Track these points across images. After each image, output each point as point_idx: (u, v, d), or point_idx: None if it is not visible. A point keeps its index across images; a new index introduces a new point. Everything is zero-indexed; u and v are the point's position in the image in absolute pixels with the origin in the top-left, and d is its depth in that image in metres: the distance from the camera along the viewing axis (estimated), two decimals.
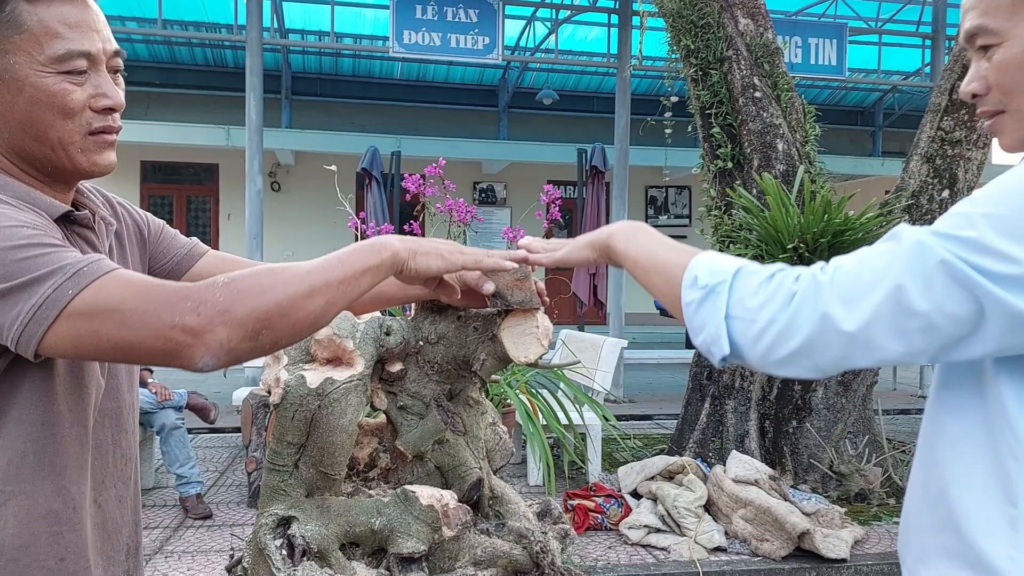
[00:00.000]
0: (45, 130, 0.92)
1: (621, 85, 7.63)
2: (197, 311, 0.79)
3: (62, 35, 0.90)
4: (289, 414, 1.17)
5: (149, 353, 0.81)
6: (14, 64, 0.89)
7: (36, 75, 0.90)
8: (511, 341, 1.21)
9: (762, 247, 4.56)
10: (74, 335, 0.80)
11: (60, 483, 0.95)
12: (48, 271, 0.81)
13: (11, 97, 0.90)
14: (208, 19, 11.23)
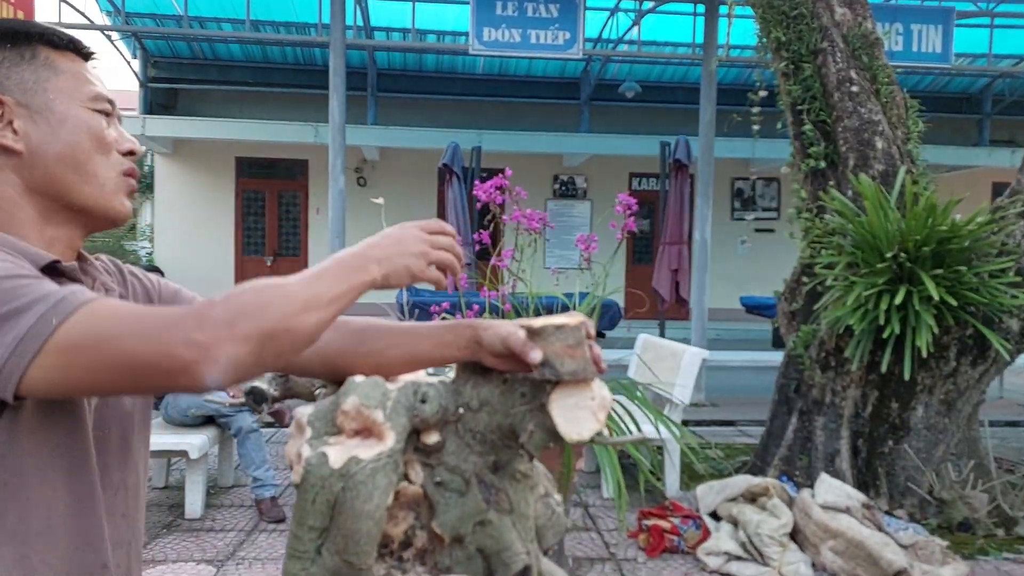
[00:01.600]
0: (84, 162, 0.95)
1: (707, 77, 7.32)
2: (201, 328, 0.76)
3: (90, 80, 0.98)
4: (310, 496, 1.06)
5: (153, 375, 0.77)
6: (54, 100, 0.94)
7: (76, 109, 0.95)
8: (562, 415, 1.08)
9: (857, 254, 4.26)
10: (64, 365, 0.76)
11: (23, 551, 0.87)
12: (28, 301, 0.77)
13: (52, 129, 0.94)
14: (297, 19, 11.43)
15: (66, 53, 0.97)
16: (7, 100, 0.92)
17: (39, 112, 0.93)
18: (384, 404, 1.11)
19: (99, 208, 0.97)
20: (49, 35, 0.96)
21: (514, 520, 1.20)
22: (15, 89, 0.92)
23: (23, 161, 0.93)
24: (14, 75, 0.92)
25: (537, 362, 1.05)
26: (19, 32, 0.94)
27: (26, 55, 0.94)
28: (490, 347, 1.11)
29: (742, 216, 13.47)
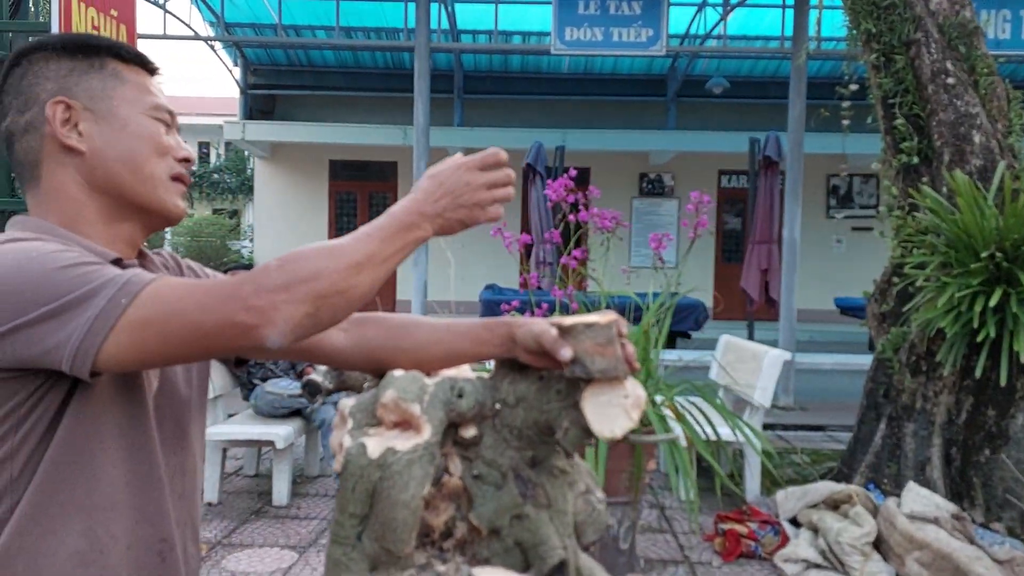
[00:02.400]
0: (142, 163, 1.02)
1: (796, 71, 7.11)
2: (258, 294, 0.82)
3: (151, 91, 1.06)
4: (350, 484, 1.11)
5: (220, 340, 0.84)
6: (118, 107, 1.02)
7: (137, 116, 1.03)
8: (594, 412, 1.09)
9: (950, 254, 4.06)
10: (137, 341, 0.84)
11: (89, 523, 0.95)
12: (99, 284, 0.84)
13: (115, 133, 1.01)
14: (386, 24, 11.70)
15: (133, 66, 1.05)
16: (74, 104, 1.00)
17: (103, 117, 1.01)
18: (421, 398, 1.15)
19: (154, 206, 1.05)
20: (117, 49, 1.04)
21: (551, 515, 1.22)
22: (83, 95, 1.00)
23: (86, 161, 1.00)
24: (83, 82, 1.01)
25: (567, 359, 1.07)
26: (90, 45, 1.03)
27: (95, 65, 1.02)
28: (524, 344, 1.13)
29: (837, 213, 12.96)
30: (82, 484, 0.94)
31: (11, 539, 0.91)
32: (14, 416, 0.90)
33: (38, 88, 1.00)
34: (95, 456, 0.95)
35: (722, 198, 13.65)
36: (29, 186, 1.03)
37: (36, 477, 0.92)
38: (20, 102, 1.01)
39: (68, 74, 1.01)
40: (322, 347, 1.19)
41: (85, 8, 3.65)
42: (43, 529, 0.92)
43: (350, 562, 1.13)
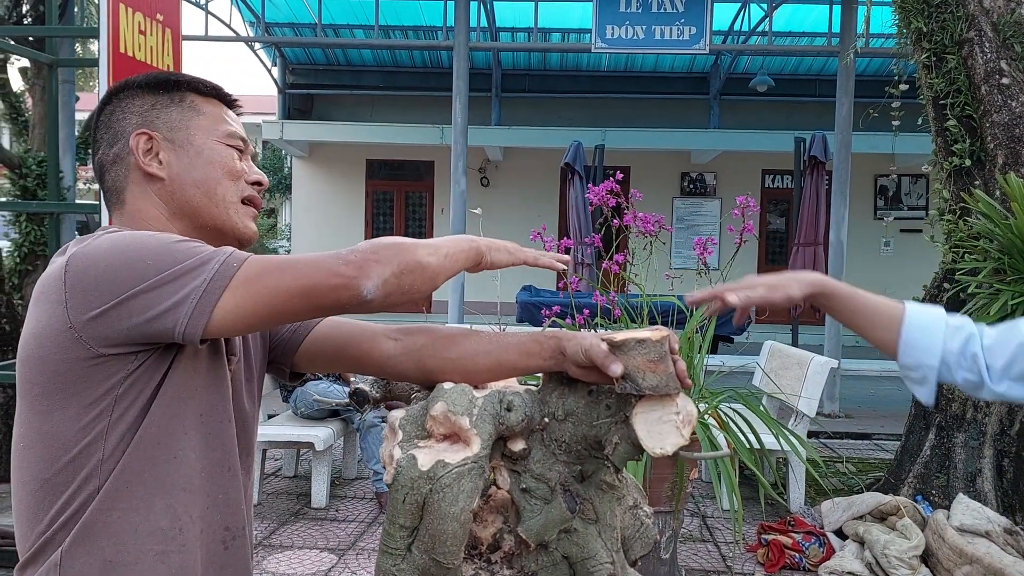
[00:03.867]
0: (215, 187, 1.11)
1: (843, 69, 6.97)
2: (354, 254, 0.95)
3: (226, 121, 1.15)
4: (400, 496, 1.10)
5: (323, 291, 0.94)
6: (194, 136, 1.11)
7: (212, 144, 1.12)
8: (645, 429, 1.07)
9: (1003, 260, 3.94)
10: (252, 295, 0.93)
11: (170, 502, 1.01)
12: (210, 253, 0.94)
13: (191, 160, 1.10)
14: (424, 23, 11.74)
15: (210, 99, 1.14)
16: (155, 135, 1.09)
17: (181, 146, 1.10)
18: (471, 411, 1.14)
19: (226, 228, 1.13)
20: (196, 84, 1.14)
21: (599, 529, 1.21)
22: (163, 127, 1.10)
23: (166, 187, 1.10)
24: (163, 115, 1.10)
25: (618, 375, 1.05)
26: (171, 81, 1.13)
27: (175, 99, 1.12)
28: (573, 358, 1.12)
29: (885, 214, 12.66)
30: (164, 465, 1.00)
31: (97, 515, 0.97)
32: (114, 392, 0.96)
33: (124, 123, 1.10)
34: (178, 440, 1.02)
35: (766, 199, 13.45)
36: (115, 211, 1.13)
37: (124, 457, 0.98)
38: (110, 136, 1.11)
39: (150, 108, 1.10)
40: (373, 356, 1.21)
41: (132, 13, 3.71)
42: (128, 506, 0.99)
43: (400, 573, 1.13)
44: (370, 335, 1.20)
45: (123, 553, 0.98)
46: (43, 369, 0.96)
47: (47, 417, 0.97)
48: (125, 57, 3.65)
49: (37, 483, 0.98)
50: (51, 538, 0.99)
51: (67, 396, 0.96)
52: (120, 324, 0.92)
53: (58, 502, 0.98)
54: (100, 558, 0.97)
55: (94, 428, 0.96)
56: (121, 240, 0.95)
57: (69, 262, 0.94)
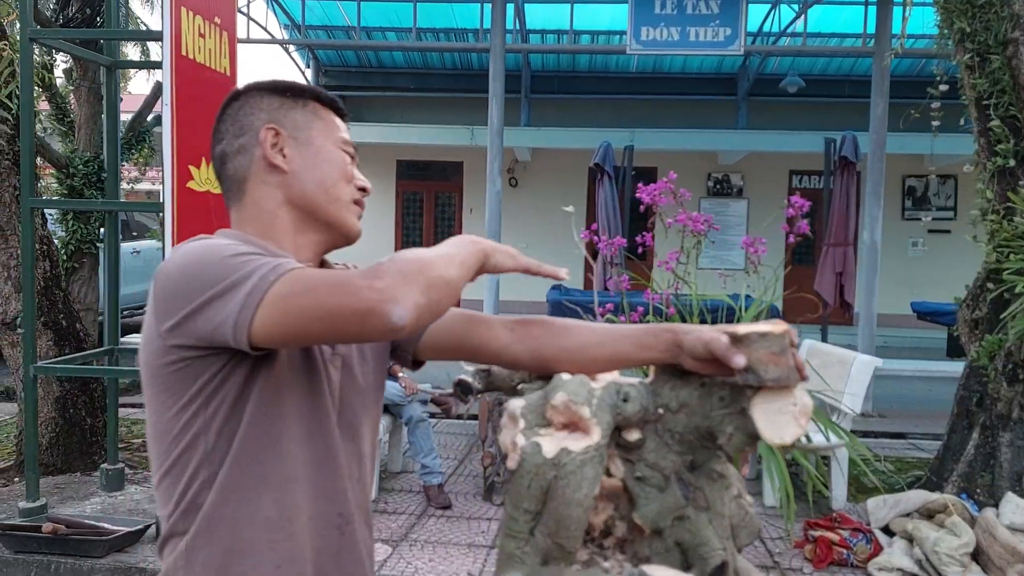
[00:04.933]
0: (331, 186, 1.18)
1: (879, 70, 6.96)
2: (380, 277, 0.92)
3: (341, 129, 1.23)
4: (525, 482, 1.16)
5: (351, 315, 0.92)
6: (316, 137, 1.19)
7: (330, 146, 1.20)
8: (764, 420, 1.12)
9: None
10: (280, 313, 0.94)
11: (277, 495, 1.08)
12: (254, 267, 0.97)
13: (312, 158, 1.18)
14: (456, 25, 11.81)
15: (327, 109, 1.22)
16: (282, 132, 1.17)
17: (303, 144, 1.18)
18: (590, 401, 1.20)
19: (337, 223, 1.20)
20: (317, 93, 1.22)
21: (710, 517, 1.26)
22: (289, 125, 1.18)
23: (286, 179, 1.17)
24: (290, 115, 1.19)
25: (741, 367, 1.10)
26: (296, 88, 1.22)
27: (299, 103, 1.20)
28: (691, 351, 1.17)
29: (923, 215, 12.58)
30: (271, 460, 1.08)
31: (214, 508, 1.07)
32: (205, 392, 1.04)
33: (252, 118, 1.18)
34: (281, 436, 1.09)
35: None
36: (234, 201, 1.20)
37: (231, 451, 1.06)
38: (236, 129, 1.19)
39: (278, 108, 1.19)
40: (491, 345, 1.26)
41: (192, 16, 3.81)
42: (240, 497, 1.07)
43: (524, 556, 1.18)
44: (488, 325, 1.26)
45: (239, 542, 1.06)
46: (148, 372, 1.06)
47: (159, 415, 1.07)
48: (186, 59, 3.74)
49: (161, 472, 1.09)
50: (176, 522, 1.09)
51: (167, 396, 1.05)
52: (192, 333, 0.99)
53: (177, 490, 1.08)
54: (220, 547, 1.07)
55: (193, 425, 1.05)
56: (190, 253, 1.01)
57: (156, 274, 1.04)
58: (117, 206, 4.07)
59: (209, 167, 4.04)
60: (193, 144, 3.82)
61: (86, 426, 4.74)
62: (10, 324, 4.47)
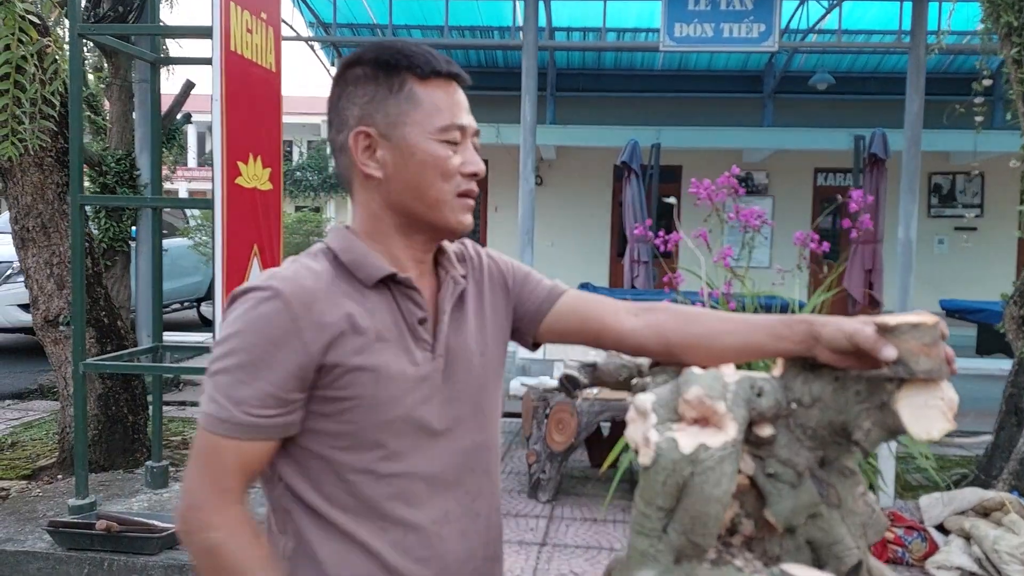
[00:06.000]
0: (427, 189, 1.09)
1: (915, 66, 6.89)
2: (183, 514, 1.04)
3: (445, 109, 1.09)
4: (660, 478, 1.14)
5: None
6: (408, 134, 1.08)
7: (425, 142, 1.08)
8: (910, 414, 1.09)
9: None
10: None
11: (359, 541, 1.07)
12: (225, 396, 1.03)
13: (404, 161, 1.08)
14: (483, 23, 11.78)
15: (429, 82, 1.09)
16: (373, 133, 1.09)
17: (396, 144, 1.08)
18: (725, 396, 1.17)
19: (439, 225, 1.13)
20: (415, 63, 1.08)
21: (843, 515, 1.23)
22: (381, 122, 1.09)
23: (382, 185, 1.11)
24: (381, 109, 1.08)
25: (892, 359, 1.06)
26: (391, 64, 1.08)
27: (394, 87, 1.08)
28: (831, 343, 1.13)
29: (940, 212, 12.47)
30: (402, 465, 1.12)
31: None
32: None
33: (347, 112, 1.11)
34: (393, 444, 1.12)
35: (819, 197, 13.32)
36: (349, 194, 1.18)
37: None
38: (337, 121, 1.13)
39: (370, 101, 1.09)
40: (614, 331, 1.24)
41: (240, 11, 3.80)
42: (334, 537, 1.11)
43: (658, 553, 1.16)
44: (612, 310, 1.24)
45: None
46: None
47: None
48: (235, 55, 3.74)
49: None
50: None
51: None
52: None
53: None
54: None
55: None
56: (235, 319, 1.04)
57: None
58: (165, 203, 4.08)
59: (257, 161, 4.06)
60: (241, 140, 3.82)
61: (128, 423, 4.75)
62: (53, 321, 4.48)
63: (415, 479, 1.09)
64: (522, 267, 1.30)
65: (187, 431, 5.58)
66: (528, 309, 1.27)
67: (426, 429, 1.10)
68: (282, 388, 1.01)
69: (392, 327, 1.09)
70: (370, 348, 1.05)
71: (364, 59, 1.11)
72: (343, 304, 1.06)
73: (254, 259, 4.08)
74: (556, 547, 3.69)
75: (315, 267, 1.08)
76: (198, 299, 10.93)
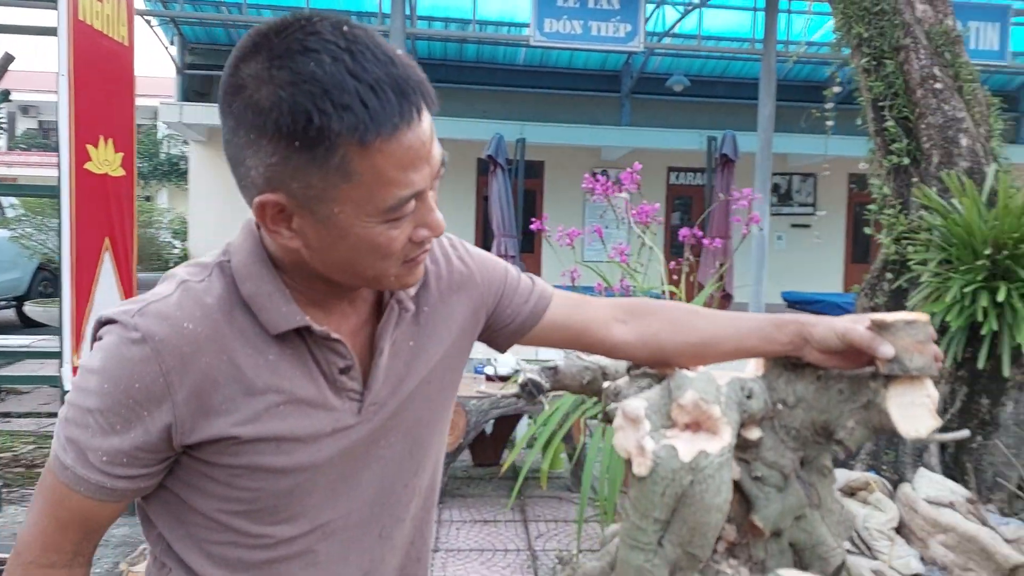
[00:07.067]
0: (363, 270, 0.84)
1: (766, 72, 7.30)
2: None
3: (394, 181, 0.77)
4: (659, 489, 1.07)
5: None
6: (338, 213, 0.78)
7: (361, 225, 0.79)
8: (899, 412, 1.08)
9: (949, 251, 4.25)
10: None
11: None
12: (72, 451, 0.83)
13: (332, 241, 0.81)
14: (345, 7, 11.40)
15: (373, 147, 0.74)
16: (286, 204, 0.78)
17: (320, 220, 0.79)
18: (719, 399, 1.12)
19: (378, 289, 0.92)
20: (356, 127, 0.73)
21: (822, 515, 1.22)
22: (299, 193, 0.77)
23: (299, 251, 0.83)
24: (301, 177, 0.76)
25: (890, 356, 1.05)
26: (311, 123, 0.73)
27: (318, 155, 0.74)
28: (823, 343, 1.09)
29: (779, 211, 13.39)
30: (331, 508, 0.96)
31: None
32: None
33: (246, 163, 0.78)
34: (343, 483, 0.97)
35: (671, 195, 13.92)
36: None
37: None
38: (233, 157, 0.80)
39: (281, 163, 0.76)
40: (606, 343, 1.14)
41: None
42: None
43: (654, 568, 1.10)
44: (603, 322, 1.13)
45: None
46: None
47: None
48: (84, 25, 3.37)
49: None
50: None
51: None
52: None
53: None
54: None
55: None
56: (86, 365, 0.84)
57: None
58: (6, 190, 3.59)
59: (108, 145, 3.67)
60: (91, 121, 3.46)
61: None
62: None
63: (321, 535, 0.92)
64: (502, 272, 1.10)
65: (17, 446, 4.99)
66: (509, 326, 1.10)
67: (344, 484, 0.91)
68: (141, 448, 0.81)
69: (304, 381, 0.86)
70: (269, 413, 0.84)
71: (266, 99, 0.73)
72: (235, 355, 0.82)
73: (106, 254, 3.70)
74: (450, 552, 3.59)
75: (204, 298, 0.83)
76: (17, 297, 9.90)
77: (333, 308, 0.90)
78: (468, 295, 1.04)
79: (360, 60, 0.74)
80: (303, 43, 0.74)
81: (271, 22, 0.78)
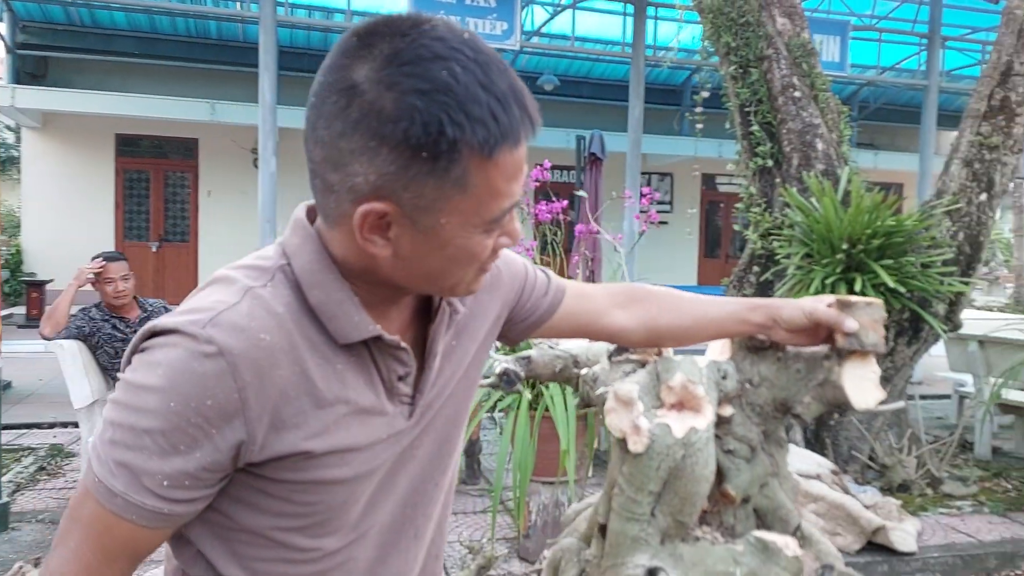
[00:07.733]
0: (447, 278, 0.84)
1: (635, 75, 7.64)
2: None
3: (502, 192, 0.77)
4: (654, 464, 1.17)
5: None
6: (446, 224, 0.77)
7: (463, 237, 0.79)
8: (852, 385, 1.22)
9: (811, 246, 4.65)
10: None
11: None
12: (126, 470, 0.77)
13: (429, 251, 0.80)
14: None
15: (490, 159, 0.74)
16: (391, 212, 0.76)
17: (422, 230, 0.78)
18: (701, 380, 1.23)
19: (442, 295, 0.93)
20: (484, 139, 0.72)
21: (780, 481, 1.36)
22: (407, 202, 0.75)
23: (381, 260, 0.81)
24: (414, 187, 0.74)
25: (854, 330, 1.18)
26: (442, 133, 0.71)
27: (439, 166, 0.73)
28: (791, 323, 1.20)
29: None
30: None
31: None
32: None
33: (351, 162, 0.74)
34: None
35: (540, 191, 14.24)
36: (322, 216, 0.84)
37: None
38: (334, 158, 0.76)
39: (397, 173, 0.73)
40: (609, 330, 1.19)
41: None
42: None
43: (648, 537, 1.20)
44: (604, 309, 1.18)
45: None
46: None
47: None
48: None
49: None
50: None
51: None
52: None
53: None
54: None
55: None
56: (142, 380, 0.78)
57: None
58: None
59: None
60: None
61: None
62: None
63: (361, 541, 0.92)
64: (523, 269, 1.11)
65: None
66: (527, 320, 1.12)
67: (383, 488, 0.91)
68: (208, 468, 0.77)
69: (365, 390, 0.85)
70: (337, 424, 0.83)
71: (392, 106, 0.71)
72: (307, 366, 0.80)
73: None
74: None
75: (275, 306, 0.80)
76: None
77: (387, 312, 0.89)
78: (499, 293, 1.05)
79: (488, 71, 0.73)
80: (431, 49, 0.72)
81: (377, 21, 0.76)
